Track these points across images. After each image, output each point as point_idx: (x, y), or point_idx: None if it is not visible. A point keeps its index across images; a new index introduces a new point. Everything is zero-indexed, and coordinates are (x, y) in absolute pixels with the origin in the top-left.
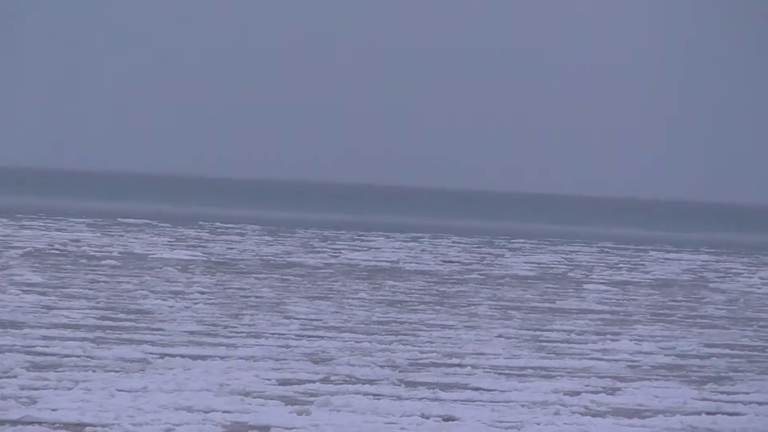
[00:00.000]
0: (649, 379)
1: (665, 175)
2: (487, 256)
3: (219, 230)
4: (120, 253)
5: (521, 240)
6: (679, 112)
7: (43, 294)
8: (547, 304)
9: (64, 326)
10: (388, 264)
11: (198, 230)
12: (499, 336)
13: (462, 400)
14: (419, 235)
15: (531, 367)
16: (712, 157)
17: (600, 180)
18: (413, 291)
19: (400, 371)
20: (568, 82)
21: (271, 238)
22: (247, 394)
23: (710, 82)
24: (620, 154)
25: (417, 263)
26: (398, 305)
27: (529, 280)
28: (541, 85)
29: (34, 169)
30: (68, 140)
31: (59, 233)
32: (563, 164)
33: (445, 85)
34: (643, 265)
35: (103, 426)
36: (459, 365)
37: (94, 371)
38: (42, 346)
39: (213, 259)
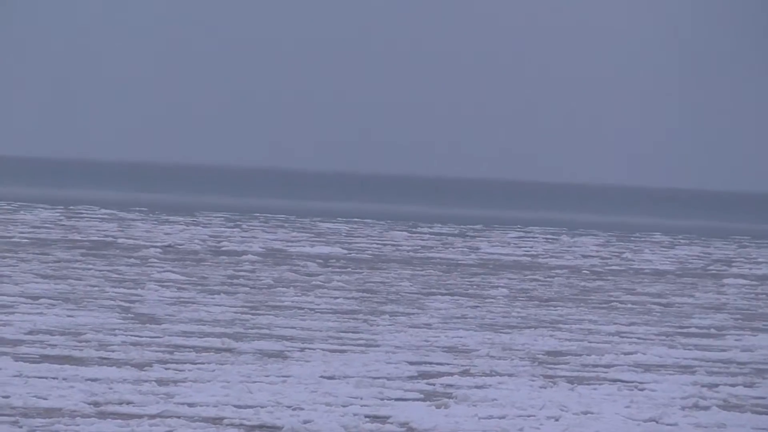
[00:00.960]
0: None
1: None
2: (625, 250)
3: (357, 225)
4: (260, 248)
5: (658, 234)
6: None
7: (183, 289)
8: (686, 299)
9: (203, 321)
10: (528, 259)
11: (336, 224)
12: (638, 330)
13: (600, 394)
14: (558, 229)
15: (669, 361)
16: None
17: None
18: (552, 285)
19: (539, 365)
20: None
21: (409, 234)
22: (385, 388)
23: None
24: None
25: (556, 258)
26: (537, 299)
27: (668, 275)
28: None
29: (181, 165)
30: (200, 134)
31: (198, 228)
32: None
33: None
34: None
35: (242, 420)
36: (598, 359)
37: (232, 365)
38: (181, 341)
39: (352, 254)
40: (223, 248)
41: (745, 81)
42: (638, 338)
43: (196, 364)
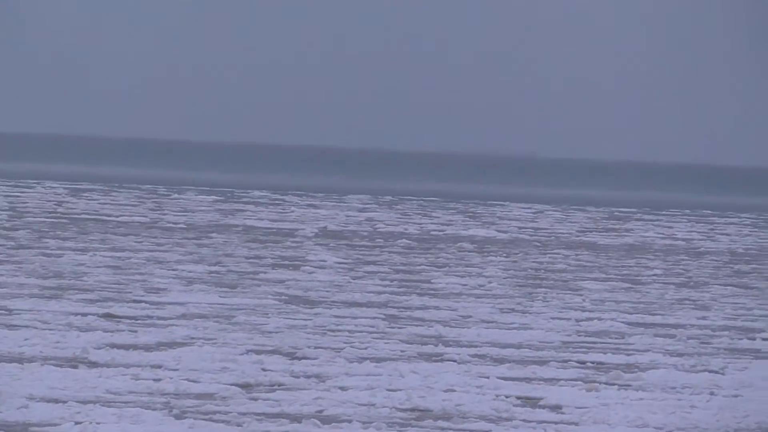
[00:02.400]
0: None
1: None
2: None
3: (510, 209)
4: (415, 231)
5: None
6: None
7: (337, 272)
8: None
9: (357, 304)
10: (683, 242)
11: (489, 208)
12: None
13: (753, 375)
14: (709, 212)
15: None
16: None
17: None
18: (706, 269)
19: (690, 348)
20: None
21: (563, 216)
22: (538, 370)
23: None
24: None
25: (711, 241)
26: (692, 283)
27: None
28: None
29: (332, 147)
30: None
31: (351, 212)
32: None
33: None
34: None
35: (393, 403)
36: (751, 341)
37: (385, 347)
38: (334, 324)
39: (507, 237)
40: (379, 230)
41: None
42: None
43: (348, 346)
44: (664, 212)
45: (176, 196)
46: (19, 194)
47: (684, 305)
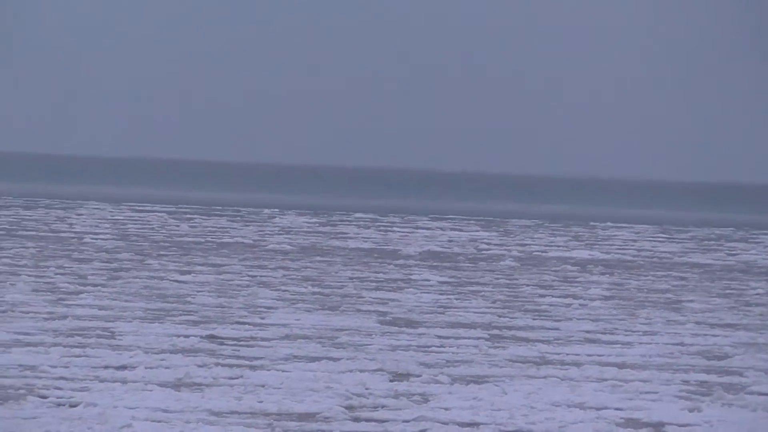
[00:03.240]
0: None
1: None
2: None
3: (610, 229)
4: (518, 252)
5: None
6: None
7: (441, 293)
8: None
9: (460, 325)
10: None
11: (590, 230)
12: None
13: None
14: None
15: None
16: None
17: None
18: None
19: None
20: None
21: (665, 237)
22: (640, 391)
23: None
24: None
25: None
26: None
27: None
28: None
29: (425, 171)
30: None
31: (455, 233)
32: None
33: None
34: None
35: (497, 425)
36: None
37: (489, 368)
38: (437, 346)
39: (610, 258)
40: (483, 252)
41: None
42: None
43: (451, 367)
44: (763, 232)
45: (278, 219)
46: (120, 217)
47: None
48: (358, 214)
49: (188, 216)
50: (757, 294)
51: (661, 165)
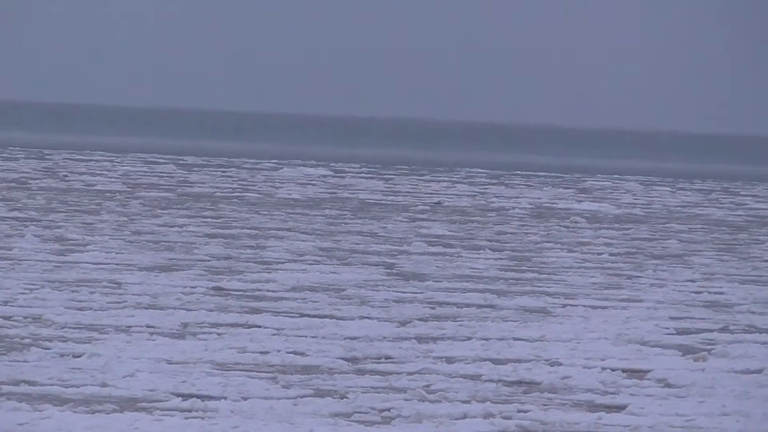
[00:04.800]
0: None
1: None
2: None
3: (615, 182)
4: (528, 204)
5: None
6: None
7: (449, 246)
8: None
9: (467, 277)
10: None
11: (595, 181)
12: None
13: None
14: None
15: None
16: None
17: None
18: None
19: None
20: None
21: (672, 189)
22: (644, 343)
23: None
24: None
25: None
26: None
27: None
28: None
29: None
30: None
31: (464, 186)
32: None
33: None
34: None
35: (500, 376)
36: None
37: (493, 321)
38: (443, 297)
39: (619, 210)
40: (492, 205)
41: None
42: None
43: (456, 320)
44: None
45: (287, 170)
46: (128, 167)
47: None
48: (365, 166)
49: (196, 167)
50: (764, 245)
51: (669, 117)
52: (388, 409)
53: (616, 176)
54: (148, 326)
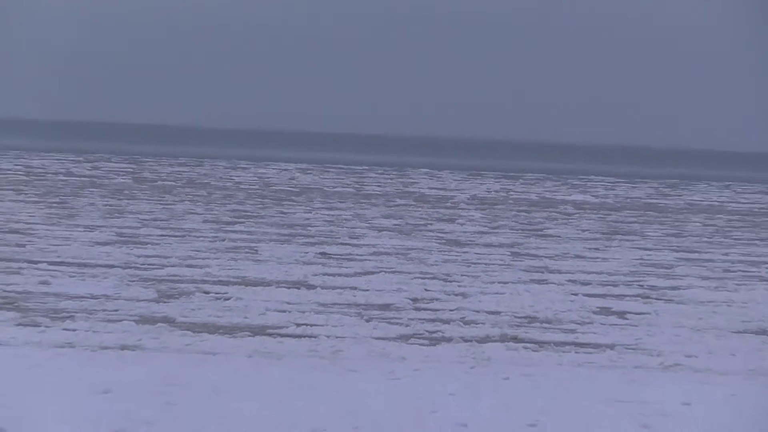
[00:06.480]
0: None
1: None
2: None
3: (596, 180)
4: (535, 196)
5: None
6: None
7: (480, 224)
8: None
9: (492, 245)
10: (718, 204)
11: (583, 181)
12: None
13: (755, 295)
14: (731, 183)
15: None
16: None
17: None
18: (731, 222)
19: (716, 274)
20: None
21: (633, 186)
22: (612, 291)
23: None
24: None
25: (735, 203)
26: (720, 231)
27: None
28: None
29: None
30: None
31: (490, 184)
32: None
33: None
34: None
35: (513, 312)
36: (757, 270)
37: (511, 275)
38: (475, 260)
39: (597, 201)
40: (511, 196)
41: None
42: None
43: (484, 274)
44: (703, 183)
45: (372, 174)
46: (263, 171)
47: (713, 245)
48: (423, 169)
49: (308, 171)
50: (695, 225)
51: (633, 133)
52: (437, 332)
53: (593, 176)
54: (276, 280)
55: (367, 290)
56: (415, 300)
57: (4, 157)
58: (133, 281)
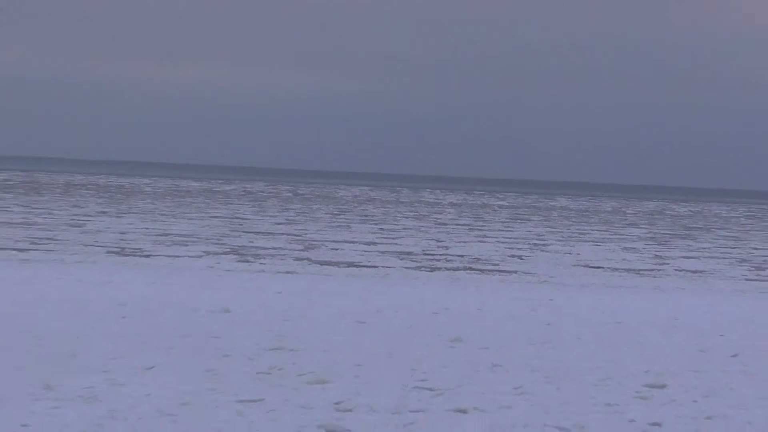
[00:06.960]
0: None
1: None
2: None
3: (548, 200)
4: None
5: None
6: None
7: (454, 215)
8: None
9: (461, 224)
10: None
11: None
12: None
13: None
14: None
15: None
16: None
17: None
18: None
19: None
20: None
21: (545, 199)
22: (523, 251)
23: None
24: None
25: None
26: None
27: None
28: None
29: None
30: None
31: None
32: None
33: None
34: None
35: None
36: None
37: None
38: (451, 230)
39: (506, 204)
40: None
41: None
42: None
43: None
44: (561, 194)
45: (405, 190)
46: (355, 191)
47: (562, 225)
48: (428, 189)
49: (389, 187)
50: (555, 216)
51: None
52: (433, 265)
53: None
54: (359, 240)
55: (401, 245)
56: (423, 250)
57: None
58: (292, 242)
